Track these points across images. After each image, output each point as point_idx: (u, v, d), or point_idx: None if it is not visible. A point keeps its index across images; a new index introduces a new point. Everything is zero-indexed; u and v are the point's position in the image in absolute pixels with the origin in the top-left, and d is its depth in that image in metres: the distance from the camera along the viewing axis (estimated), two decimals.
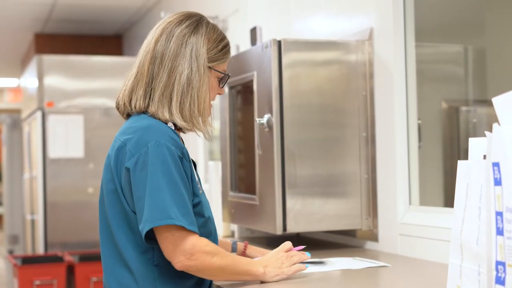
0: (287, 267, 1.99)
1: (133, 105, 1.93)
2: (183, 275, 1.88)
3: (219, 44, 1.97)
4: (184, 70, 1.89)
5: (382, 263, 2.37)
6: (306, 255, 2.06)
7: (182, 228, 1.78)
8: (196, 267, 1.82)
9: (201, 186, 2.04)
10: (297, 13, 3.44)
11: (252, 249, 2.34)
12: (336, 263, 2.38)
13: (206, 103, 1.93)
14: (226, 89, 2.06)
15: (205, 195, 2.02)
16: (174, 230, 1.78)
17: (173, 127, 1.90)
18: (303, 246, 2.13)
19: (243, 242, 2.36)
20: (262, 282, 1.96)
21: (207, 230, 1.94)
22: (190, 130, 1.94)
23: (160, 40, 1.93)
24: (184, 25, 1.95)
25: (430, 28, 3.27)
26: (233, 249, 2.31)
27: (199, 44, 1.92)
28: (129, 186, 1.82)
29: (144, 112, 1.92)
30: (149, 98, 1.91)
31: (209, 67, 1.94)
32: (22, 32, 7.69)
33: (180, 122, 1.89)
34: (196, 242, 1.81)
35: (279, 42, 2.66)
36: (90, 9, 6.75)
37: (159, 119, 1.89)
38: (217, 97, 2.67)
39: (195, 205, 1.88)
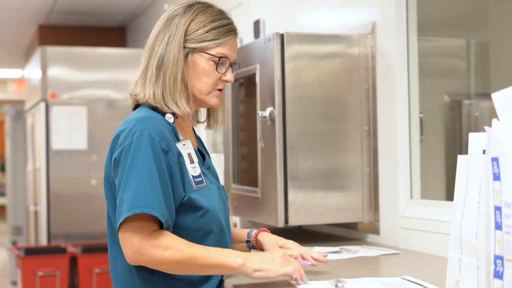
0: (278, 265, 1.75)
1: (132, 96, 1.92)
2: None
3: (208, 25, 1.87)
4: (159, 51, 1.85)
5: (393, 251, 2.50)
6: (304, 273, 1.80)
7: (136, 219, 1.69)
8: (146, 262, 1.71)
9: (214, 179, 1.97)
10: (300, 6, 3.44)
11: (265, 235, 2.07)
12: (350, 251, 2.47)
13: (176, 83, 1.84)
14: (229, 76, 1.92)
15: (215, 188, 1.92)
16: (127, 222, 1.70)
17: (171, 119, 1.86)
18: (309, 263, 1.89)
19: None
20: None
21: (204, 225, 1.82)
22: (164, 109, 1.85)
23: (154, 27, 1.92)
24: (177, 8, 1.91)
25: (432, 22, 3.27)
26: (248, 236, 2.10)
27: (180, 25, 1.86)
28: (115, 176, 1.78)
29: (139, 100, 1.89)
30: (137, 82, 1.90)
31: (194, 48, 1.86)
32: (26, 23, 7.70)
33: (151, 101, 1.84)
34: (144, 235, 1.70)
35: (282, 36, 2.67)
36: (94, 1, 6.75)
37: (147, 103, 1.86)
38: None
39: (185, 202, 1.79)
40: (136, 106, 1.93)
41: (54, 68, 5.94)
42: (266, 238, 2.07)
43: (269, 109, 2.67)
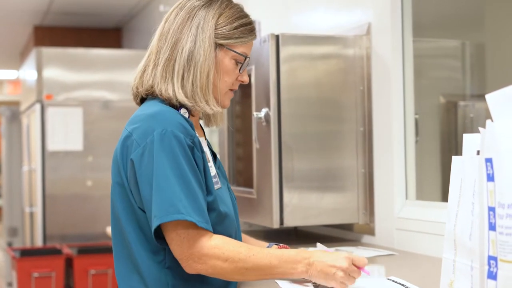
0: (337, 281, 1.63)
1: (143, 86, 1.78)
2: (201, 281, 1.71)
3: (235, 22, 1.79)
4: (187, 43, 1.73)
5: (388, 252, 2.50)
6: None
7: (191, 226, 1.60)
8: (207, 272, 1.63)
9: (224, 180, 1.88)
10: (296, 8, 3.44)
11: None
12: (346, 252, 2.46)
13: (209, 80, 1.74)
14: (246, 77, 1.87)
15: (226, 190, 1.85)
16: (181, 229, 1.61)
17: (186, 114, 1.75)
18: (369, 273, 1.75)
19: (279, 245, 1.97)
20: None
21: (225, 229, 1.73)
22: (195, 109, 1.76)
23: (170, 16, 1.81)
24: (198, 0, 1.80)
25: (428, 23, 3.27)
26: None
27: (208, 18, 1.76)
28: (135, 180, 1.66)
29: (152, 94, 1.77)
30: (154, 74, 1.76)
31: (220, 44, 1.77)
32: (22, 24, 7.69)
33: (182, 98, 1.72)
34: (205, 243, 1.61)
35: (277, 37, 2.66)
36: (90, 2, 6.75)
37: (167, 99, 1.74)
38: None
39: (208, 202, 1.69)
40: (142, 99, 1.82)
41: (50, 69, 5.94)
42: None
43: (264, 110, 2.67)
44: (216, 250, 1.61)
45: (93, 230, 5.85)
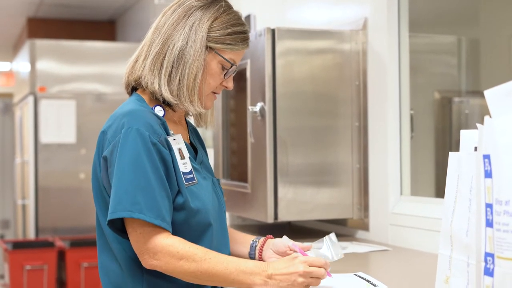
0: (300, 285, 1.61)
1: (133, 76, 1.82)
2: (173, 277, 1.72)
3: (229, 28, 1.80)
4: (179, 41, 1.76)
5: (382, 247, 2.50)
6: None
7: (146, 222, 1.63)
8: (161, 268, 1.65)
9: (209, 174, 1.89)
10: (292, 2, 3.43)
11: (271, 243, 1.93)
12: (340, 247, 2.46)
13: (196, 81, 1.76)
14: (231, 83, 1.86)
15: (209, 184, 1.84)
16: (137, 224, 1.64)
17: (161, 112, 1.78)
18: (330, 273, 1.71)
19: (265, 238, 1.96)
20: None
21: (198, 223, 1.74)
22: (178, 107, 1.79)
23: (168, 11, 1.83)
24: (198, 0, 1.82)
25: (424, 19, 3.27)
26: (251, 248, 1.96)
27: (203, 19, 1.78)
28: (106, 175, 1.71)
29: (140, 84, 1.80)
30: (144, 65, 1.79)
31: (210, 47, 1.78)
32: (15, 16, 7.64)
33: (167, 95, 1.75)
34: (159, 240, 1.64)
35: (273, 31, 2.66)
36: None
37: (152, 92, 1.77)
38: None
39: (178, 199, 1.71)
40: (133, 88, 1.85)
41: (43, 62, 5.91)
42: (277, 245, 1.92)
43: (259, 104, 2.67)
44: (171, 248, 1.64)
45: (86, 222, 5.83)
